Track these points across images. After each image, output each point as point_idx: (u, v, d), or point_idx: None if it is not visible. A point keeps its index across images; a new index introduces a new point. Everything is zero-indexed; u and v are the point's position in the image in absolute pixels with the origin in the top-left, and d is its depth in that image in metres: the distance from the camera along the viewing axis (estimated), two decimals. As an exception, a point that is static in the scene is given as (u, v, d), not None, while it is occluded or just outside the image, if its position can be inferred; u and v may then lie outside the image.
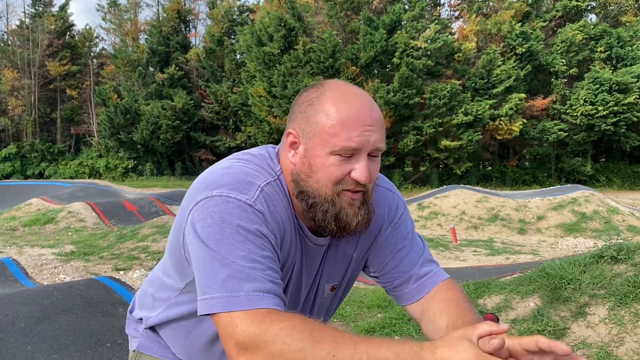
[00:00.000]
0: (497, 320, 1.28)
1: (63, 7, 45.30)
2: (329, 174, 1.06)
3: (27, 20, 44.40)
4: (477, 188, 17.96)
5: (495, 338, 0.86)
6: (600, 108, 30.61)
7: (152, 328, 1.33)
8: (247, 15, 41.78)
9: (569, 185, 19.70)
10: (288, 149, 1.13)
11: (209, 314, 0.99)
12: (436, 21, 32.36)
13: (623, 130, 31.34)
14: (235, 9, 42.59)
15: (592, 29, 33.57)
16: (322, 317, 1.34)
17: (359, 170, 1.06)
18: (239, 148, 38.86)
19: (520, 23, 33.05)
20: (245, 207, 1.02)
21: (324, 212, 1.09)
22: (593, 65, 32.77)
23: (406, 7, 32.26)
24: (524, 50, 32.07)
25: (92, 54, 46.79)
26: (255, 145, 36.00)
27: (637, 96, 30.67)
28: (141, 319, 1.36)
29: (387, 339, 0.90)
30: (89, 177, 37.59)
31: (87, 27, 50.51)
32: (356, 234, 1.20)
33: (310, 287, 1.25)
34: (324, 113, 1.07)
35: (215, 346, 1.22)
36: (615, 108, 30.40)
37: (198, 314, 1.01)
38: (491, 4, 35.15)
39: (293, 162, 1.12)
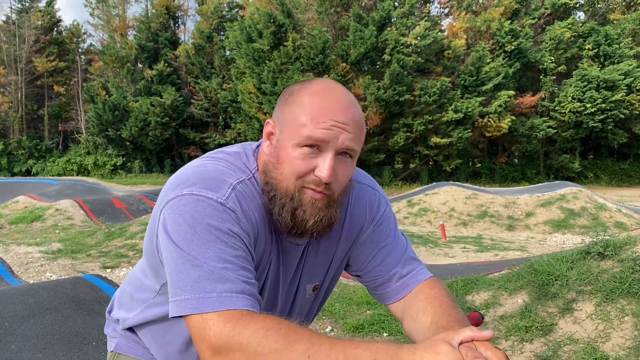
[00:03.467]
0: (482, 318, 1.26)
1: (50, 3, 44.80)
2: (293, 166, 1.03)
3: (13, 15, 43.91)
4: (467, 185, 18.03)
5: (479, 358, 0.82)
6: (588, 105, 30.88)
7: (131, 329, 1.30)
8: (237, 12, 41.59)
9: (557, 182, 19.84)
10: (265, 139, 1.11)
11: (180, 316, 0.96)
12: (426, 18, 32.41)
13: (611, 127, 31.64)
14: (225, 5, 42.37)
15: (581, 26, 33.82)
16: (302, 318, 1.31)
17: (322, 167, 1.02)
18: (228, 145, 38.68)
19: (510, 20, 33.22)
20: (217, 205, 1.00)
21: (282, 206, 1.05)
22: (581, 63, 33.03)
23: (396, 4, 32.25)
24: (513, 47, 32.24)
25: (79, 50, 46.38)
26: (245, 142, 36.13)
27: (625, 93, 30.97)
28: (118, 320, 1.33)
29: (365, 340, 0.89)
30: (77, 175, 37.29)
31: (75, 23, 49.98)
32: (334, 234, 1.17)
33: (289, 288, 1.22)
34: (299, 104, 1.04)
35: (192, 347, 1.19)
36: (603, 105, 30.68)
37: (169, 316, 0.98)
38: (481, 1, 35.29)
39: (266, 153, 1.09)
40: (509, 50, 32.32)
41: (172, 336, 1.21)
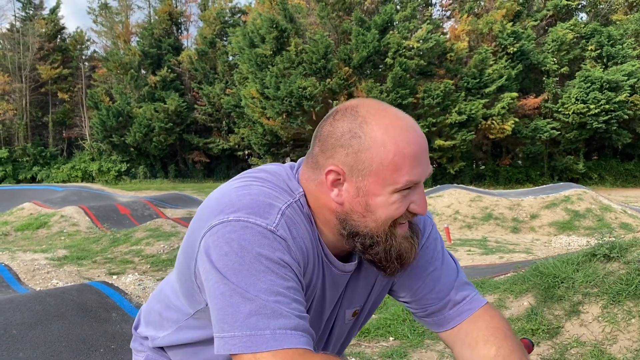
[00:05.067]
0: (532, 345, 1.22)
1: (54, 10, 45.07)
2: (392, 212, 0.98)
3: (17, 23, 44.15)
4: (471, 187, 18.00)
5: None
6: (592, 106, 30.81)
7: (160, 347, 1.25)
8: (239, 17, 41.73)
9: (561, 183, 19.78)
10: (330, 187, 1.00)
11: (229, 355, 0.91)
12: (428, 21, 32.44)
13: (615, 128, 31.56)
14: (227, 10, 42.54)
15: (583, 27, 33.77)
16: (339, 344, 1.26)
17: (419, 203, 0.99)
18: (232, 150, 38.84)
19: (512, 22, 33.21)
20: (267, 233, 0.93)
21: (387, 251, 1.01)
22: (584, 64, 32.97)
23: (398, 7, 32.32)
24: (515, 49, 32.22)
25: (83, 57, 46.60)
26: (248, 146, 35.36)
27: (628, 94, 30.89)
28: (147, 337, 1.27)
29: None
30: (82, 181, 37.40)
31: (78, 30, 50.30)
32: None
33: (330, 314, 1.16)
34: (378, 145, 0.96)
35: None
36: (607, 106, 30.60)
37: (215, 352, 0.92)
38: (482, 3, 35.29)
39: (339, 202, 1.00)
40: (512, 52, 32.28)
41: (204, 358, 1.15)
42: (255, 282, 0.90)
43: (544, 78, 33.86)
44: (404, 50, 29.46)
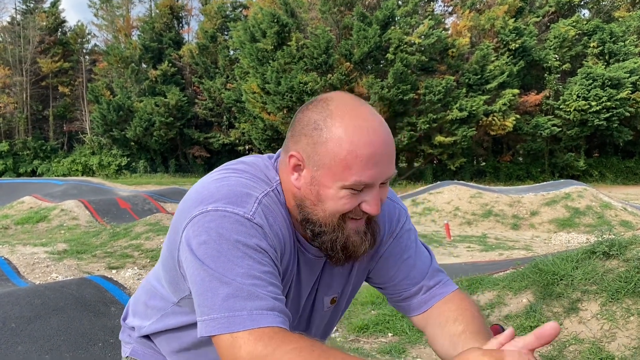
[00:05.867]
0: (502, 330, 1.26)
1: (54, 4, 44.98)
2: (339, 206, 1.01)
3: (18, 16, 44.06)
4: (471, 184, 17.99)
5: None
6: (593, 103, 30.76)
7: (146, 336, 1.29)
8: (240, 11, 41.64)
9: (562, 180, 19.77)
10: (291, 171, 1.06)
11: (210, 336, 0.95)
12: (430, 17, 32.32)
13: (616, 125, 31.52)
14: (228, 4, 42.43)
15: (585, 24, 33.68)
16: (320, 331, 1.29)
17: (371, 203, 1.01)
18: (232, 144, 38.82)
19: (514, 18, 33.12)
20: (244, 221, 0.97)
21: (332, 242, 1.04)
22: (586, 61, 32.90)
23: (399, 2, 32.20)
24: (517, 45, 32.15)
25: (84, 51, 46.51)
26: (249, 141, 35.27)
27: (630, 91, 30.84)
28: (134, 327, 1.31)
29: None
30: (82, 175, 37.43)
31: (79, 23, 50.14)
32: None
33: (307, 300, 1.20)
34: (334, 141, 0.98)
35: (207, 354, 1.18)
36: (608, 103, 30.56)
37: (198, 336, 0.96)
38: (484, -1, 35.19)
39: (297, 186, 1.05)
40: (513, 48, 32.22)
41: (187, 343, 1.19)
42: (233, 267, 0.94)
43: (545, 75, 33.80)
44: (405, 45, 29.39)
